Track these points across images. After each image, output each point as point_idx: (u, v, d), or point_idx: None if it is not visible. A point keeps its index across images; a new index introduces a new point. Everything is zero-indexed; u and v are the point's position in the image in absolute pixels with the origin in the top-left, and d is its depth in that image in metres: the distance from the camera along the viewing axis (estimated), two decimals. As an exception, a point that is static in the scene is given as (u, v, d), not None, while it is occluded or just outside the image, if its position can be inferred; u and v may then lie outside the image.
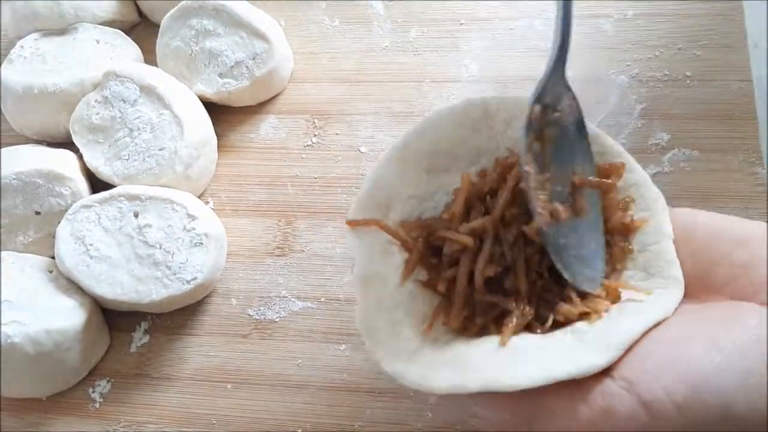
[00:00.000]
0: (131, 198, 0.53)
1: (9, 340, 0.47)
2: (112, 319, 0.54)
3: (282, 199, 0.58)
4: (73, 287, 0.52)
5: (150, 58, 0.64)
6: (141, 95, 0.57)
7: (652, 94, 0.56)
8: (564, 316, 0.34)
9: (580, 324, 0.33)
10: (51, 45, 0.63)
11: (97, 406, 0.52)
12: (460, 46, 0.62)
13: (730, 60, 0.56)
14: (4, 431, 0.51)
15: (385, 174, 0.38)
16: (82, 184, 0.56)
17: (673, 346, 0.30)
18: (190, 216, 0.53)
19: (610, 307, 0.34)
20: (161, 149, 0.55)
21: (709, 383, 0.27)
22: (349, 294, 0.52)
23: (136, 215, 0.53)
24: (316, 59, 0.64)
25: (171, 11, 0.62)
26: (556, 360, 0.30)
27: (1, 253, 0.53)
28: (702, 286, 0.33)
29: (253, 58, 0.60)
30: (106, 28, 0.65)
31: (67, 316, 0.50)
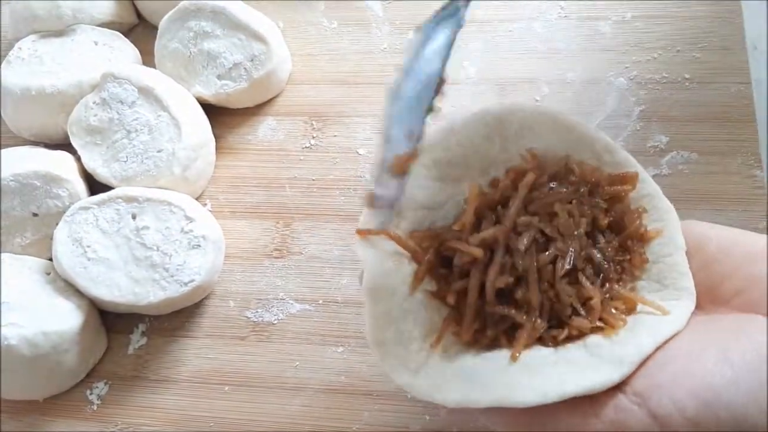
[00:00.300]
0: (129, 200, 0.53)
1: (6, 342, 0.47)
2: (109, 321, 0.54)
3: (280, 201, 0.58)
4: (71, 289, 0.52)
5: (148, 59, 0.64)
6: (139, 97, 0.57)
7: (650, 96, 0.56)
8: (577, 329, 0.33)
9: (594, 337, 0.33)
10: (49, 46, 0.62)
11: (94, 408, 0.51)
12: (458, 48, 0.61)
13: (729, 62, 0.56)
14: (1, 433, 0.51)
15: None
16: (79, 185, 0.56)
17: (684, 360, 0.30)
18: (188, 218, 0.53)
19: (626, 318, 0.34)
20: (159, 151, 0.55)
21: (720, 398, 0.27)
22: (347, 296, 0.52)
23: (134, 217, 0.53)
24: (315, 61, 0.64)
25: (169, 13, 0.62)
26: (569, 375, 0.30)
27: (-1, 254, 0.53)
28: (711, 298, 0.33)
29: (252, 60, 0.60)
30: (105, 29, 0.65)
31: (64, 318, 0.50)
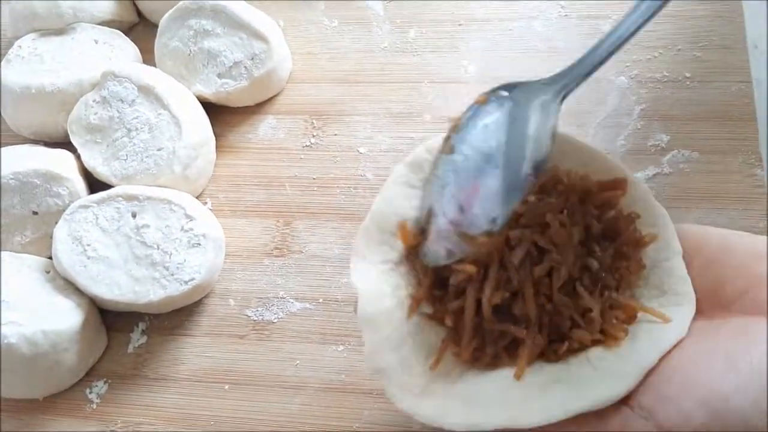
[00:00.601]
0: (129, 198, 0.53)
1: (6, 341, 0.47)
2: (109, 319, 0.54)
3: (280, 199, 0.57)
4: (71, 288, 0.52)
5: (148, 58, 0.64)
6: (139, 95, 0.57)
7: (651, 95, 0.56)
8: (578, 342, 0.33)
9: (596, 350, 0.33)
10: (49, 45, 0.62)
11: (94, 406, 0.51)
12: (458, 47, 0.62)
13: (730, 61, 0.56)
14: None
15: (392, 201, 0.37)
16: (79, 184, 0.56)
17: (689, 369, 0.29)
18: (188, 216, 0.52)
19: (627, 328, 0.33)
20: (159, 149, 0.55)
21: (729, 405, 0.27)
22: (347, 295, 0.52)
23: (134, 215, 0.53)
24: (315, 60, 0.64)
25: (170, 11, 0.62)
26: (573, 392, 0.30)
27: (-1, 253, 0.53)
28: (712, 301, 0.33)
29: (252, 59, 0.59)
30: (105, 28, 0.64)
31: (64, 317, 0.50)
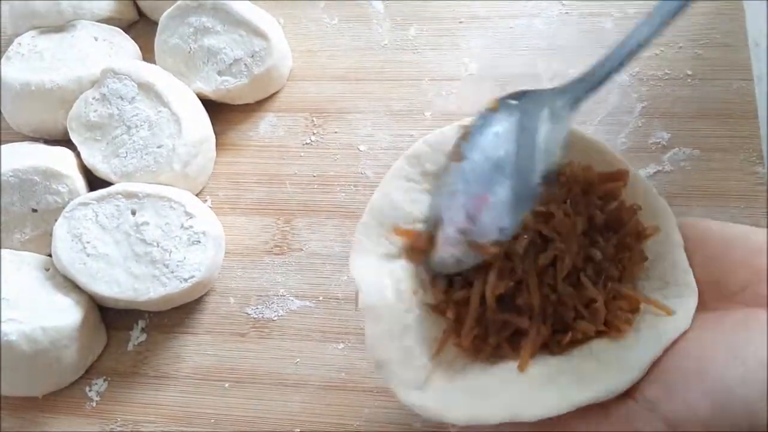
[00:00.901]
0: (129, 196, 0.53)
1: (5, 338, 0.47)
2: (109, 317, 0.54)
3: (280, 197, 0.57)
4: (70, 285, 0.52)
5: (148, 56, 0.64)
6: (139, 93, 0.57)
7: (652, 92, 0.56)
8: (582, 333, 0.33)
9: (600, 341, 0.33)
10: (49, 42, 0.62)
11: (93, 404, 0.51)
12: (459, 45, 0.62)
13: (731, 59, 0.56)
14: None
15: (390, 195, 0.37)
16: (79, 181, 0.56)
17: (693, 360, 0.29)
18: (188, 214, 0.52)
19: (632, 319, 0.33)
20: (159, 147, 0.55)
21: (734, 396, 0.27)
22: (347, 293, 0.52)
23: (134, 213, 0.53)
24: (315, 57, 0.64)
25: (169, 9, 0.61)
26: (578, 385, 0.30)
27: (-2, 250, 0.52)
28: (715, 294, 0.33)
29: (252, 56, 0.59)
30: (104, 25, 0.64)
31: (63, 314, 0.50)
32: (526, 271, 0.33)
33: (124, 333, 0.54)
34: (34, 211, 0.54)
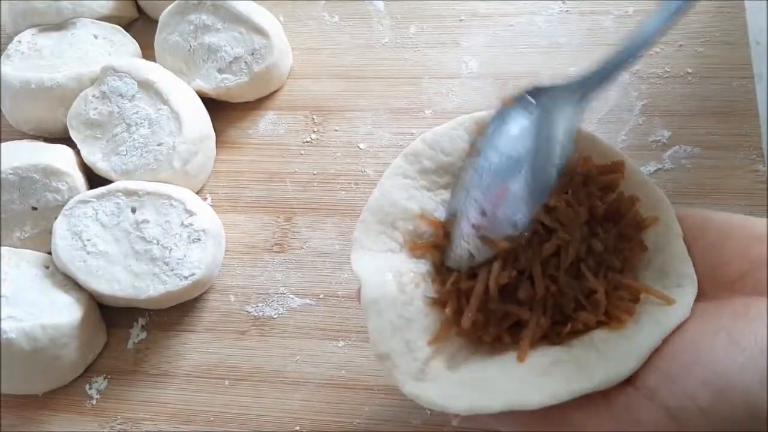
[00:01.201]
0: (129, 193, 0.53)
1: (5, 336, 0.47)
2: (109, 315, 0.54)
3: (280, 195, 0.57)
4: (70, 283, 0.52)
5: (148, 54, 0.64)
6: (139, 90, 0.57)
7: (653, 90, 0.56)
8: (582, 323, 0.33)
9: (600, 332, 0.33)
10: (48, 40, 0.62)
11: (93, 402, 0.51)
12: (460, 43, 0.61)
13: (732, 57, 0.56)
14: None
15: (389, 193, 0.38)
16: (79, 179, 0.56)
17: (693, 349, 0.29)
18: (188, 212, 0.52)
19: (632, 308, 0.33)
20: (159, 145, 0.55)
21: (734, 384, 0.27)
22: (347, 290, 0.52)
23: (134, 211, 0.53)
24: (316, 55, 0.64)
25: (169, 7, 0.61)
26: (578, 374, 0.30)
27: (-2, 248, 0.52)
28: (713, 283, 0.33)
29: (252, 54, 0.59)
30: (104, 23, 0.64)
31: (63, 312, 0.50)
32: (530, 261, 0.33)
33: (124, 331, 0.54)
34: (34, 208, 0.54)
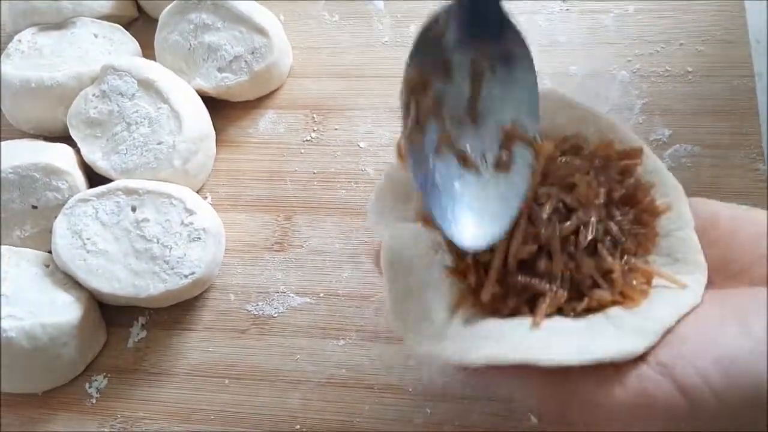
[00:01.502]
0: (129, 192, 0.53)
1: (5, 335, 0.47)
2: (109, 314, 0.54)
3: (281, 194, 0.57)
4: (70, 282, 0.52)
5: (148, 53, 0.64)
6: (139, 89, 0.57)
7: (653, 89, 0.56)
8: (597, 301, 0.33)
9: (615, 309, 0.33)
10: (49, 39, 0.62)
11: (93, 401, 0.51)
12: (460, 42, 0.61)
13: (732, 56, 0.56)
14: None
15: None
16: (79, 178, 0.56)
17: (705, 331, 0.29)
18: (188, 210, 0.52)
19: (647, 290, 0.33)
20: (159, 144, 0.55)
21: (743, 368, 0.27)
22: (348, 289, 0.52)
23: (134, 209, 0.53)
24: (316, 54, 0.64)
25: (170, 6, 0.61)
26: (595, 341, 0.30)
27: (-1, 247, 0.52)
28: (722, 273, 0.33)
29: (252, 53, 0.59)
30: (104, 22, 0.64)
31: (63, 311, 0.50)
32: (550, 237, 0.33)
33: (124, 330, 0.54)
34: (34, 207, 0.54)
